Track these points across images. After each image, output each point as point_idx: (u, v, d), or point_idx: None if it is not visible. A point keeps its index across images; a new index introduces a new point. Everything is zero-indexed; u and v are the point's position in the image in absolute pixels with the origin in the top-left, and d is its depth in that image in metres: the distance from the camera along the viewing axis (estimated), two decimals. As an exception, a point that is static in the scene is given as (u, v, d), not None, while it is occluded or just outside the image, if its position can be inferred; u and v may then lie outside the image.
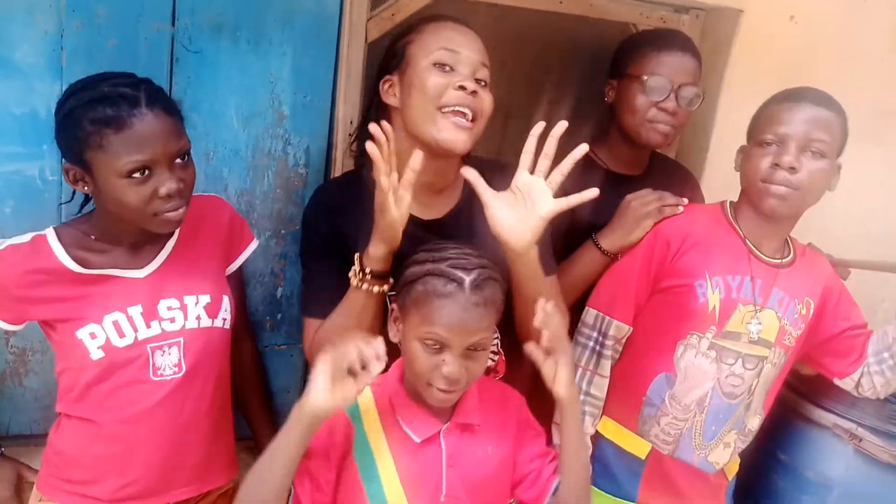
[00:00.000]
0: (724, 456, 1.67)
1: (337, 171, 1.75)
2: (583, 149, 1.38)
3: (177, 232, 1.48)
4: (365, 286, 1.40)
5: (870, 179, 2.27)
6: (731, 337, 1.60)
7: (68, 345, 1.40)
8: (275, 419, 1.80)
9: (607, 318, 1.66)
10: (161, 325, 1.43)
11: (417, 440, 1.33)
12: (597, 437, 1.70)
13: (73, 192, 1.50)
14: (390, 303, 1.40)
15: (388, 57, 1.50)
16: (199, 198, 1.50)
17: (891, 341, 1.62)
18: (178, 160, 1.35)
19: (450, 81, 1.40)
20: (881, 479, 1.74)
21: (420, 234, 1.47)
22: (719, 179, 2.03)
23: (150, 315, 1.43)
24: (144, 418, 1.44)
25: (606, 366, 1.67)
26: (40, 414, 1.72)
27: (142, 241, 1.44)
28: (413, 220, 1.44)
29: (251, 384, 1.74)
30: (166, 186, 1.33)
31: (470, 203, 1.50)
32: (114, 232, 1.42)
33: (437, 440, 1.34)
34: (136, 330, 1.41)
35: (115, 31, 1.50)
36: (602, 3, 2.04)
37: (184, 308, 1.46)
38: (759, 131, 1.58)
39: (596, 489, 1.67)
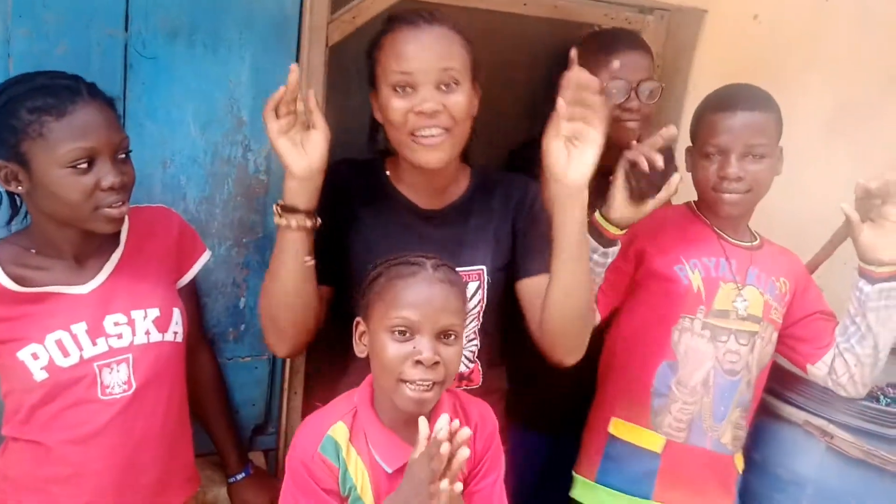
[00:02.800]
0: (732, 436, 1.72)
1: (300, 178, 1.70)
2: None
3: (122, 244, 1.43)
4: (285, 221, 1.36)
5: (835, 175, 2.29)
6: (721, 315, 1.67)
7: (10, 367, 1.35)
8: (239, 433, 1.76)
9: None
10: (108, 341, 1.38)
11: (389, 471, 1.28)
12: (608, 438, 1.72)
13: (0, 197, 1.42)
14: (356, 325, 1.35)
15: (368, 69, 1.49)
16: (146, 209, 1.47)
17: (853, 312, 1.66)
18: (120, 155, 1.32)
19: (411, 105, 1.38)
20: (854, 476, 1.74)
21: (417, 223, 1.48)
22: (686, 179, 2.03)
23: (96, 332, 1.37)
24: (94, 439, 1.39)
25: None
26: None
27: (85, 254, 1.39)
28: (411, 209, 1.49)
29: (211, 398, 1.69)
30: (109, 178, 1.28)
31: (471, 200, 1.51)
32: (54, 242, 1.37)
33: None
34: (80, 348, 1.36)
35: (65, 36, 1.45)
36: (566, 5, 2.03)
37: (132, 323, 1.41)
38: (701, 142, 1.68)
39: (611, 490, 1.70)
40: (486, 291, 1.53)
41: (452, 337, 1.27)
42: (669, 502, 1.69)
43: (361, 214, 1.51)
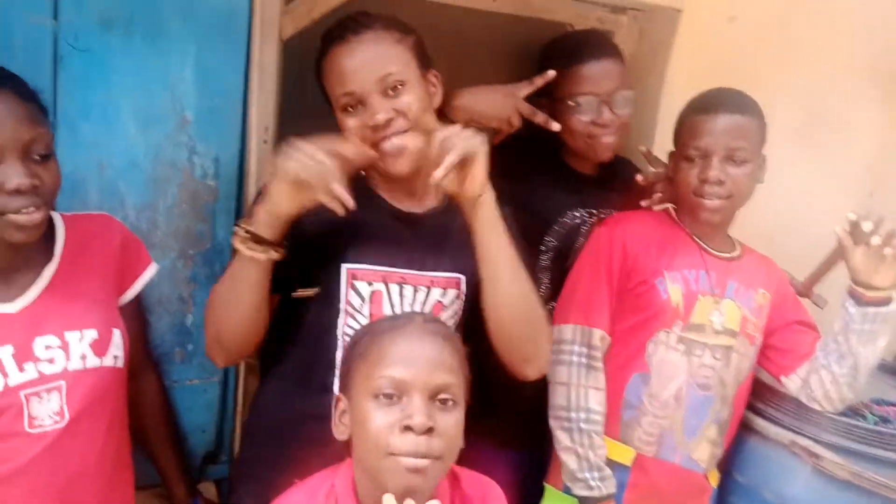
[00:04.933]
0: (705, 453, 1.66)
1: (251, 184, 1.57)
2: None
3: (57, 257, 1.28)
4: (250, 252, 1.24)
5: (809, 178, 2.28)
6: (697, 329, 1.63)
7: None
8: (187, 462, 1.61)
9: (587, 328, 1.63)
10: (37, 367, 1.23)
11: None
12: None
13: None
14: (336, 402, 1.20)
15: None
16: (84, 217, 1.33)
17: (836, 330, 1.59)
18: (36, 156, 1.17)
19: (363, 122, 1.33)
20: (839, 498, 1.65)
21: (396, 226, 1.40)
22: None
23: (24, 356, 1.22)
24: (19, 477, 1.23)
25: (600, 378, 1.63)
26: None
27: (11, 267, 1.24)
28: (391, 211, 1.42)
29: (157, 425, 1.53)
30: (13, 180, 1.13)
31: (455, 205, 1.40)
32: None
33: None
34: (5, 375, 1.20)
35: (-16, 24, 1.31)
36: (537, 3, 1.94)
37: (65, 346, 1.25)
38: (683, 145, 1.63)
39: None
40: (464, 302, 1.43)
41: (450, 402, 1.08)
42: (639, 517, 1.63)
43: (333, 218, 1.38)
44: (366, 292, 1.37)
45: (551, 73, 1.64)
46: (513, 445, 1.83)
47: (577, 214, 1.78)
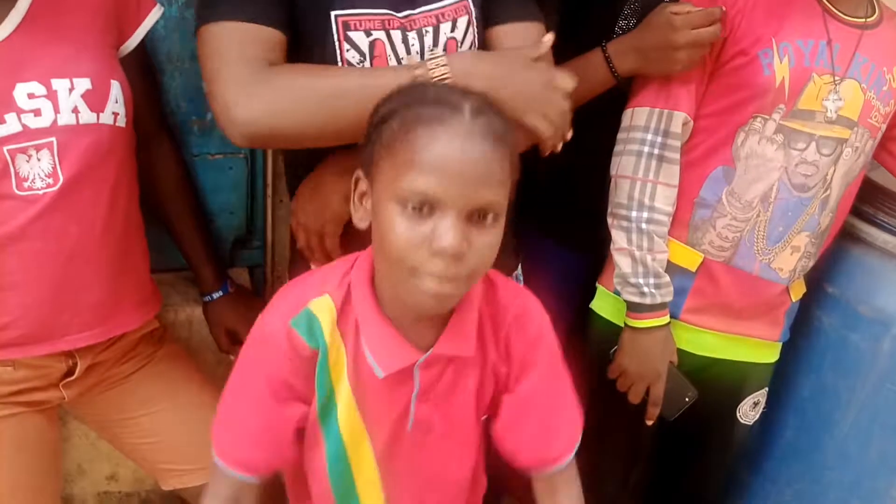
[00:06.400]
0: (790, 262, 1.45)
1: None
2: None
3: None
4: None
5: None
6: (803, 116, 1.36)
7: None
8: (213, 245, 1.48)
9: (666, 111, 1.38)
10: (21, 119, 1.07)
11: (381, 375, 0.97)
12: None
13: None
14: (355, 180, 0.97)
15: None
16: None
17: None
18: None
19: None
20: (949, 317, 1.45)
21: None
22: None
23: (4, 105, 1.07)
24: (13, 243, 1.11)
25: (673, 172, 1.40)
26: None
27: None
28: None
29: (175, 200, 1.39)
30: None
31: None
32: None
33: (409, 374, 0.98)
34: None
35: None
36: None
37: (53, 96, 1.09)
38: None
39: None
40: (476, 27, 1.17)
41: (490, 218, 0.88)
42: (698, 324, 1.47)
43: None
44: (364, 44, 1.09)
45: None
46: (567, 244, 1.65)
47: None
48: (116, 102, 1.16)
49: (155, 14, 1.25)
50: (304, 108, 1.02)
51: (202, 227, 1.45)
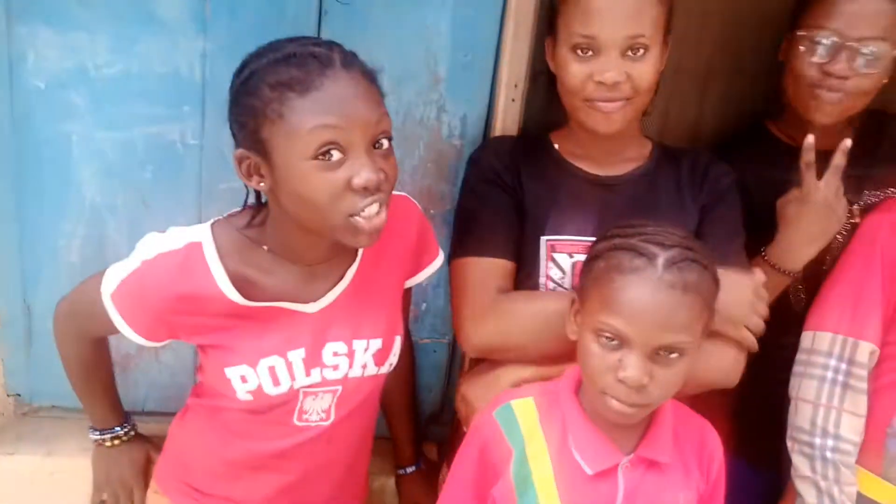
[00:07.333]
0: None
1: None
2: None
3: (360, 255, 1.21)
4: None
5: None
6: None
7: (214, 374, 1.19)
8: (420, 425, 1.61)
9: (852, 339, 1.35)
10: (322, 373, 1.20)
11: (589, 472, 1.07)
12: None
13: (247, 194, 1.19)
14: (573, 301, 1.16)
15: (549, 12, 1.33)
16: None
17: None
18: (376, 145, 1.05)
19: (591, 71, 1.24)
20: None
21: (595, 193, 1.33)
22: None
23: (313, 361, 1.19)
24: (274, 461, 1.26)
25: (860, 401, 1.35)
26: (175, 392, 1.63)
27: (319, 266, 1.18)
28: (587, 178, 1.35)
29: (402, 389, 1.51)
30: (363, 175, 1.00)
31: (657, 166, 1.35)
32: (293, 246, 1.14)
33: (613, 474, 1.08)
34: (293, 378, 1.18)
35: (260, -20, 1.35)
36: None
37: (350, 354, 1.21)
38: None
39: None
40: None
41: (675, 355, 1.02)
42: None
43: (531, 187, 1.35)
44: (566, 264, 1.30)
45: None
46: (747, 457, 1.60)
47: None
48: (394, 355, 1.27)
49: (438, 261, 1.35)
50: (520, 328, 1.25)
51: (416, 411, 1.57)
